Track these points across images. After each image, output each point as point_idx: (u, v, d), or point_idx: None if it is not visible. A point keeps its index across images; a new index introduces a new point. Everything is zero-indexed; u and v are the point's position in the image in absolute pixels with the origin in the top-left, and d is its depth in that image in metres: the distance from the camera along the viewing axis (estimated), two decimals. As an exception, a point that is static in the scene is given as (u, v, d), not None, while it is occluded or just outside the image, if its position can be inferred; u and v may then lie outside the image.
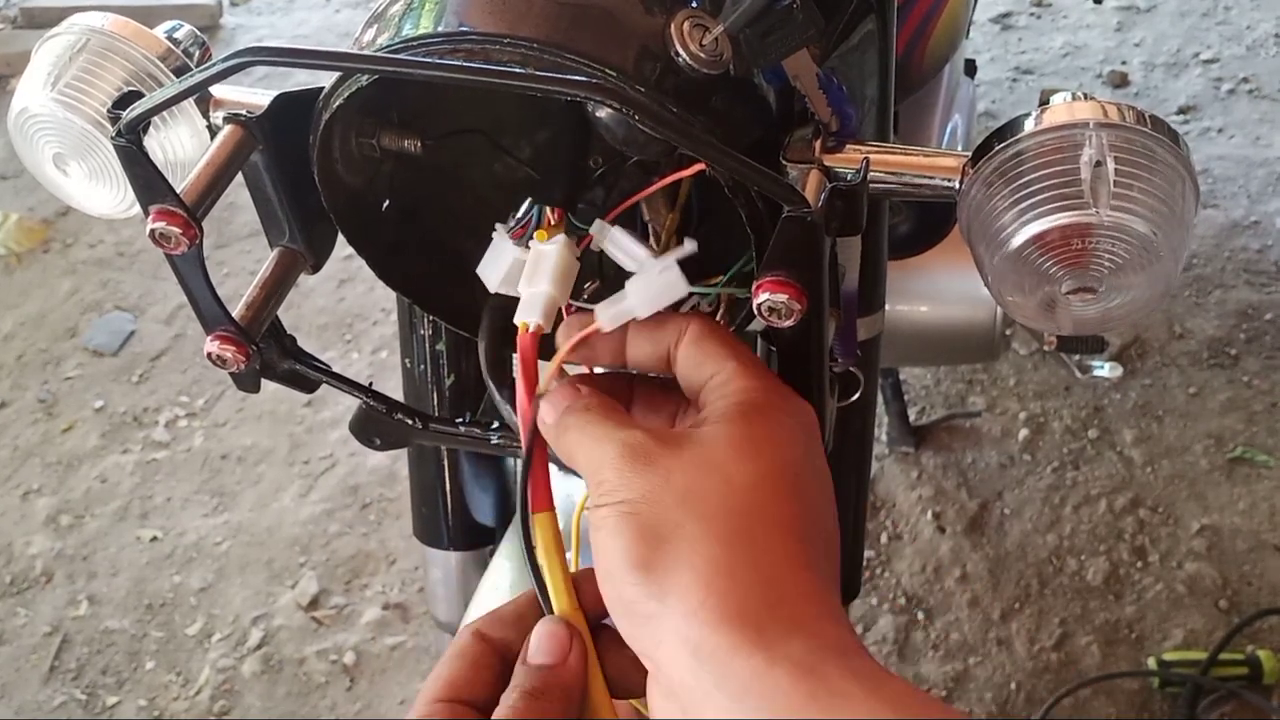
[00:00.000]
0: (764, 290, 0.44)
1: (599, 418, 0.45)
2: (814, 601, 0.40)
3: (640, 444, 0.42)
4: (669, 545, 0.40)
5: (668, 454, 0.42)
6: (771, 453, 0.42)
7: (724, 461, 0.41)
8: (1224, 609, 1.59)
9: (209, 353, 0.53)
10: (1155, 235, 0.44)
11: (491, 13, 0.45)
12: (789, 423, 0.44)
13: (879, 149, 0.49)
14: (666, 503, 0.40)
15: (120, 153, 0.47)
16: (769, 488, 0.41)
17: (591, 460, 0.43)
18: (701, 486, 0.41)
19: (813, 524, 0.42)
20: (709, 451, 0.42)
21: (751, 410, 0.43)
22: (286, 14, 3.16)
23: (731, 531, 0.40)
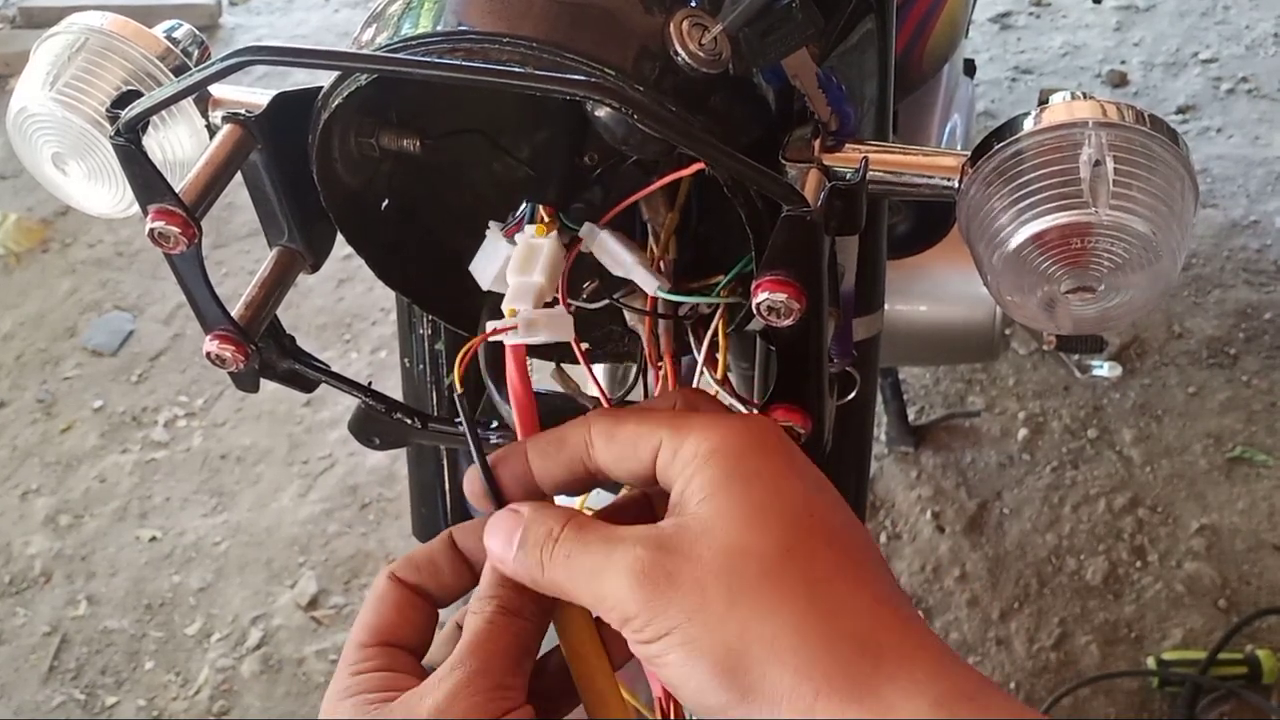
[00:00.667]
0: (763, 289, 0.44)
1: (577, 544, 0.41)
2: (908, 637, 0.38)
3: (649, 562, 0.39)
4: (749, 656, 0.37)
5: (684, 560, 0.39)
6: (780, 505, 0.40)
7: (747, 542, 0.39)
8: (1223, 608, 1.59)
9: (208, 352, 0.53)
10: (1154, 234, 0.44)
11: (490, 12, 0.45)
12: (766, 457, 0.41)
13: (878, 148, 0.49)
14: (718, 613, 0.38)
15: (119, 152, 0.47)
16: (802, 542, 0.39)
17: (600, 600, 0.40)
18: (741, 580, 0.38)
19: (858, 551, 0.40)
20: (724, 540, 0.39)
21: (726, 467, 0.40)
22: (285, 14, 3.16)
23: (800, 607, 0.38)
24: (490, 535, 0.44)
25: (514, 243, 0.50)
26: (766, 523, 0.39)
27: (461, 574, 0.47)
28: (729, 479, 0.40)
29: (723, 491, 0.40)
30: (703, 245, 0.55)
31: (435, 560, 0.46)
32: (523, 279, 0.48)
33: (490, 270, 0.51)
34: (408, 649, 0.44)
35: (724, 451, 0.41)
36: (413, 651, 0.44)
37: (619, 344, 0.60)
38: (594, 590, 0.40)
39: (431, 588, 0.46)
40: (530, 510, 0.44)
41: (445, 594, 0.47)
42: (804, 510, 0.40)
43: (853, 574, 0.39)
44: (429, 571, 0.46)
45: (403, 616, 0.45)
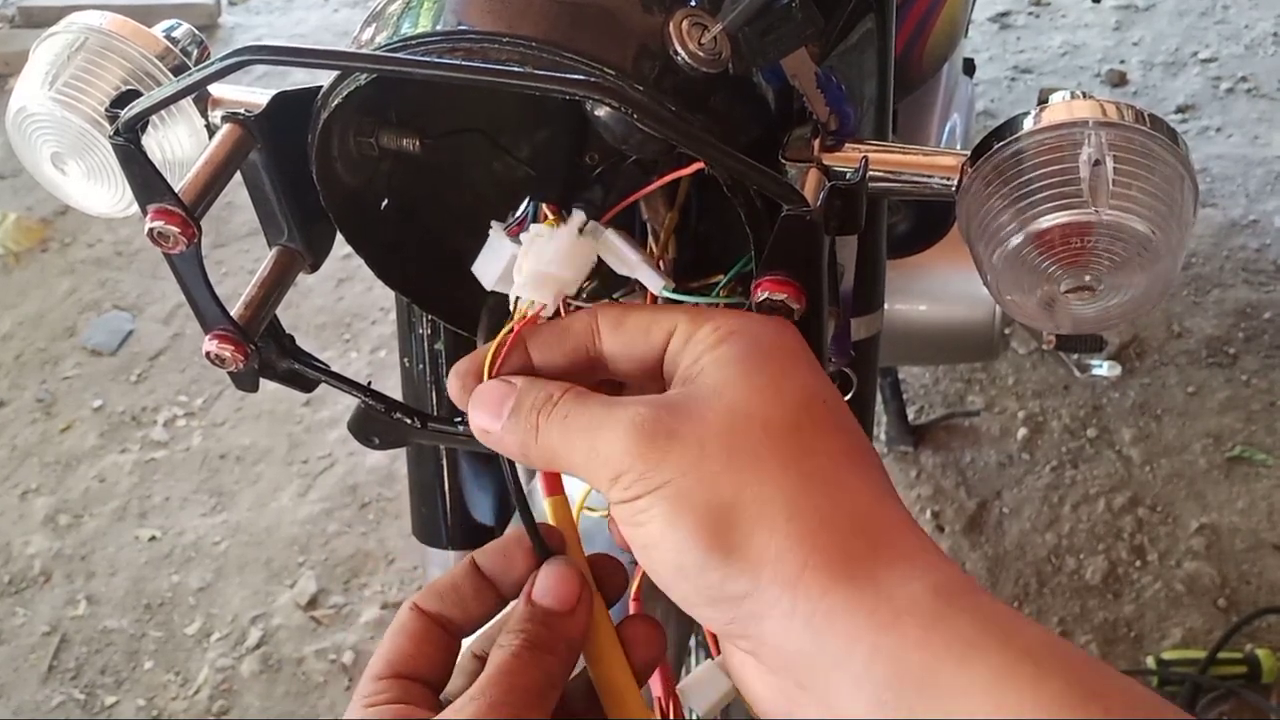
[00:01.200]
0: (763, 289, 0.44)
1: (576, 405, 0.40)
2: (907, 532, 0.37)
3: (650, 418, 0.38)
4: (739, 514, 0.36)
5: (686, 419, 0.38)
6: (792, 385, 0.39)
7: (754, 408, 0.38)
8: (1223, 608, 1.59)
9: (207, 352, 0.53)
10: (1154, 234, 0.44)
11: (490, 11, 0.45)
12: (784, 345, 0.41)
13: (878, 148, 0.49)
14: (713, 470, 0.37)
15: (118, 152, 0.47)
16: (810, 421, 0.38)
17: (593, 454, 0.39)
18: (744, 441, 0.37)
19: (862, 446, 0.39)
20: (730, 402, 0.38)
21: (743, 346, 0.39)
22: (285, 13, 3.16)
23: (800, 478, 0.37)
24: (476, 406, 0.43)
25: (518, 242, 0.50)
26: (778, 396, 0.38)
27: (486, 600, 0.45)
28: (744, 355, 0.39)
29: (737, 363, 0.39)
30: (702, 244, 0.55)
31: (459, 586, 0.44)
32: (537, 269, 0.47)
33: (493, 270, 0.51)
34: (425, 682, 0.43)
35: (741, 333, 0.40)
36: (430, 684, 0.43)
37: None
38: (588, 446, 0.39)
39: (455, 615, 0.44)
40: (524, 380, 0.42)
41: (469, 621, 0.45)
42: (816, 396, 0.39)
43: (858, 463, 0.38)
44: (452, 599, 0.44)
45: (420, 648, 0.43)
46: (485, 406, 0.43)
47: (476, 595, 0.44)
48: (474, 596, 0.44)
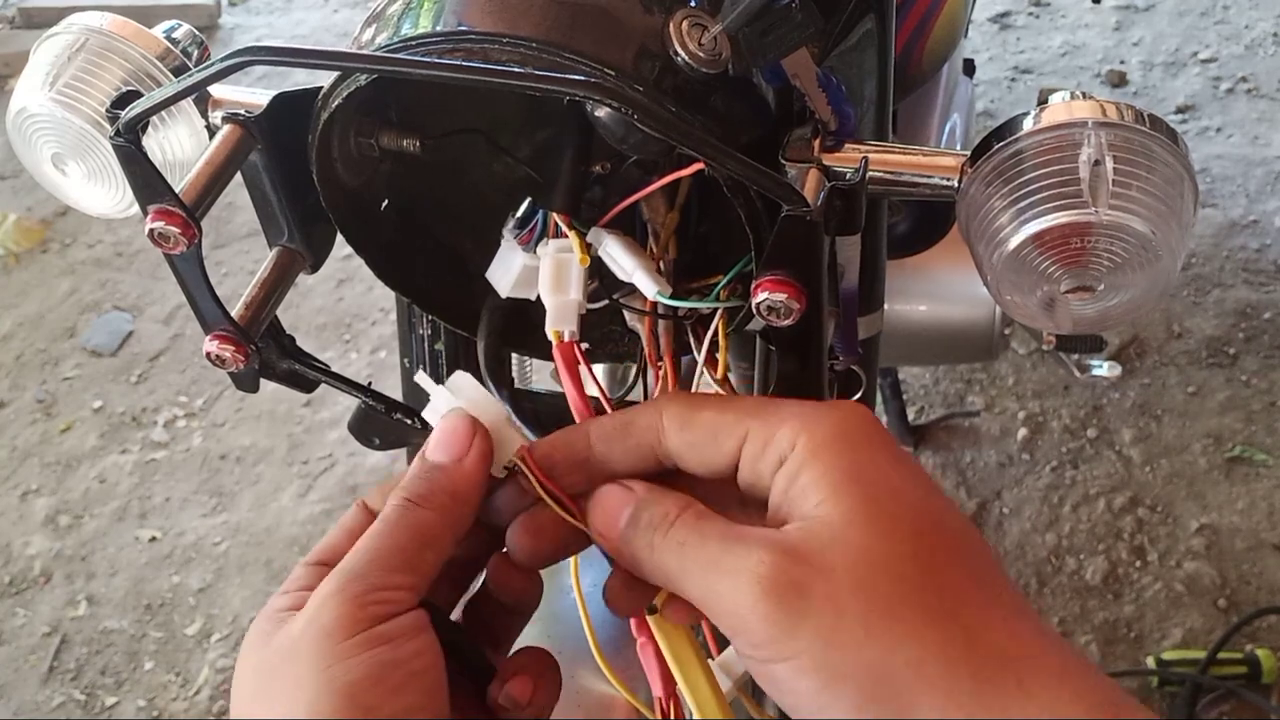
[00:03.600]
0: (763, 289, 0.44)
1: (693, 534, 0.39)
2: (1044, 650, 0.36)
3: (775, 572, 0.36)
4: (896, 680, 0.35)
5: (814, 573, 0.36)
6: (900, 510, 0.37)
7: (879, 554, 0.36)
8: (1223, 608, 1.59)
9: (208, 352, 0.53)
10: (1154, 234, 0.44)
11: (490, 12, 0.45)
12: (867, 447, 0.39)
13: (878, 148, 0.49)
14: (856, 637, 0.35)
15: (119, 152, 0.47)
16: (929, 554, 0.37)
17: (712, 596, 0.38)
18: (880, 599, 0.36)
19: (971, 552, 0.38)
20: (853, 549, 0.36)
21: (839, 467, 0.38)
22: (285, 14, 3.16)
23: (941, 626, 0.35)
24: (595, 507, 0.42)
25: (530, 251, 0.50)
26: (895, 530, 0.37)
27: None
28: (845, 479, 0.38)
29: (843, 493, 0.37)
30: (703, 245, 0.55)
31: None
32: (561, 299, 0.48)
33: (508, 278, 0.52)
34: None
35: (829, 446, 0.39)
36: None
37: (619, 344, 0.60)
38: (707, 587, 0.38)
39: None
40: (644, 488, 0.42)
41: None
42: (924, 514, 0.38)
43: (982, 584, 0.37)
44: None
45: (350, 539, 0.42)
46: (603, 509, 0.42)
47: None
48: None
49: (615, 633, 0.58)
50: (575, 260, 0.48)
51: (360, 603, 0.39)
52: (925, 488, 0.39)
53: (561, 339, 0.48)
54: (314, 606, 0.39)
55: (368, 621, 0.38)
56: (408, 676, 0.38)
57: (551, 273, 0.49)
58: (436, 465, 0.42)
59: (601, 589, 0.45)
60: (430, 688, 0.39)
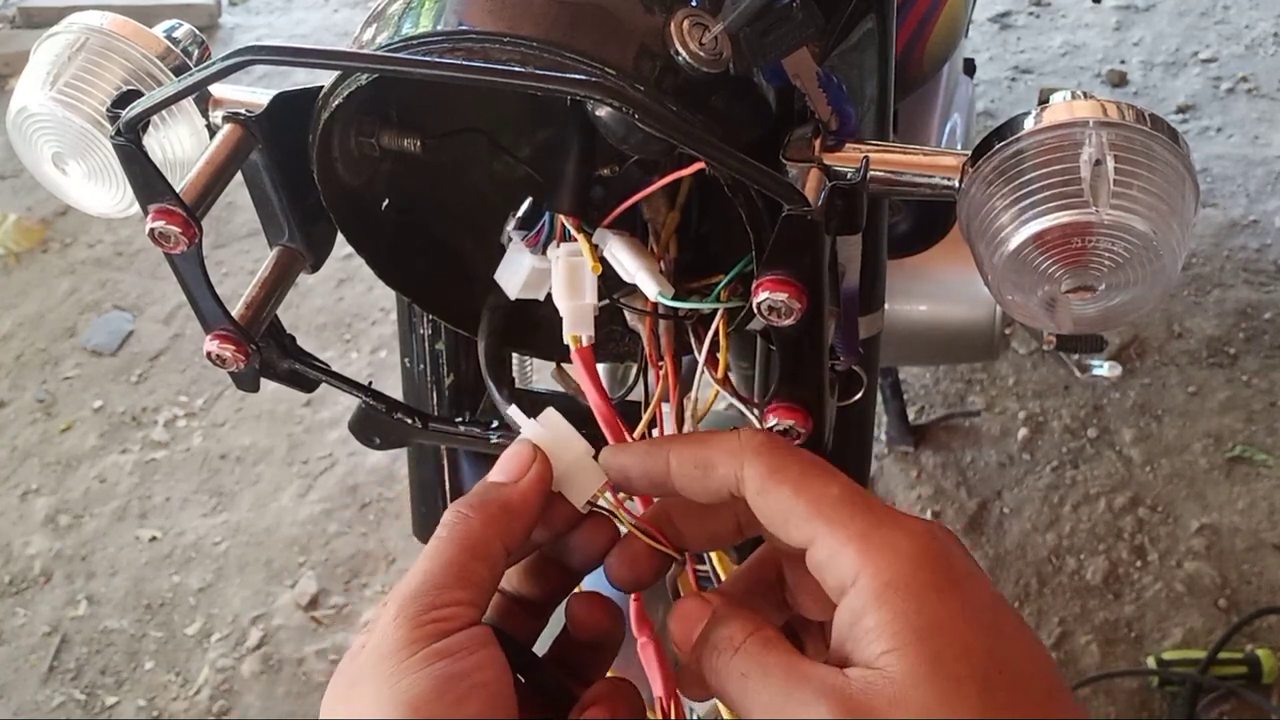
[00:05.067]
0: (764, 289, 0.44)
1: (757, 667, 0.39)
2: None
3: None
4: None
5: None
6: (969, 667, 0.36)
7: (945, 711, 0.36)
8: (1223, 608, 1.59)
9: (208, 352, 0.53)
10: (1155, 234, 0.44)
11: (491, 11, 0.45)
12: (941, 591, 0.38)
13: (879, 148, 0.49)
14: None
15: (119, 152, 0.47)
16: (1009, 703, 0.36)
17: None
18: None
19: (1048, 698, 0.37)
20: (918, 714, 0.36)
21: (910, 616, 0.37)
22: (285, 13, 3.16)
23: None
24: (675, 618, 0.43)
25: (539, 253, 0.50)
26: (960, 691, 0.36)
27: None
28: (913, 630, 0.37)
29: (911, 647, 0.36)
30: (704, 244, 0.55)
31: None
32: (576, 303, 0.48)
33: (516, 280, 0.52)
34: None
35: (896, 588, 0.38)
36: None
37: (619, 344, 0.60)
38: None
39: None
40: (721, 604, 0.42)
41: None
42: (995, 669, 0.37)
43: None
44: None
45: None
46: (682, 621, 0.42)
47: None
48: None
49: (616, 633, 0.58)
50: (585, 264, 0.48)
51: (418, 622, 0.39)
52: (996, 628, 0.38)
53: (580, 343, 0.48)
54: (377, 634, 0.40)
55: (426, 639, 0.39)
56: (471, 688, 0.39)
57: (565, 277, 0.49)
58: (493, 483, 0.44)
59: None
60: (495, 700, 0.39)
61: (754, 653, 0.39)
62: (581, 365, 0.49)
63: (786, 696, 0.38)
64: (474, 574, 0.41)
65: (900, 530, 0.39)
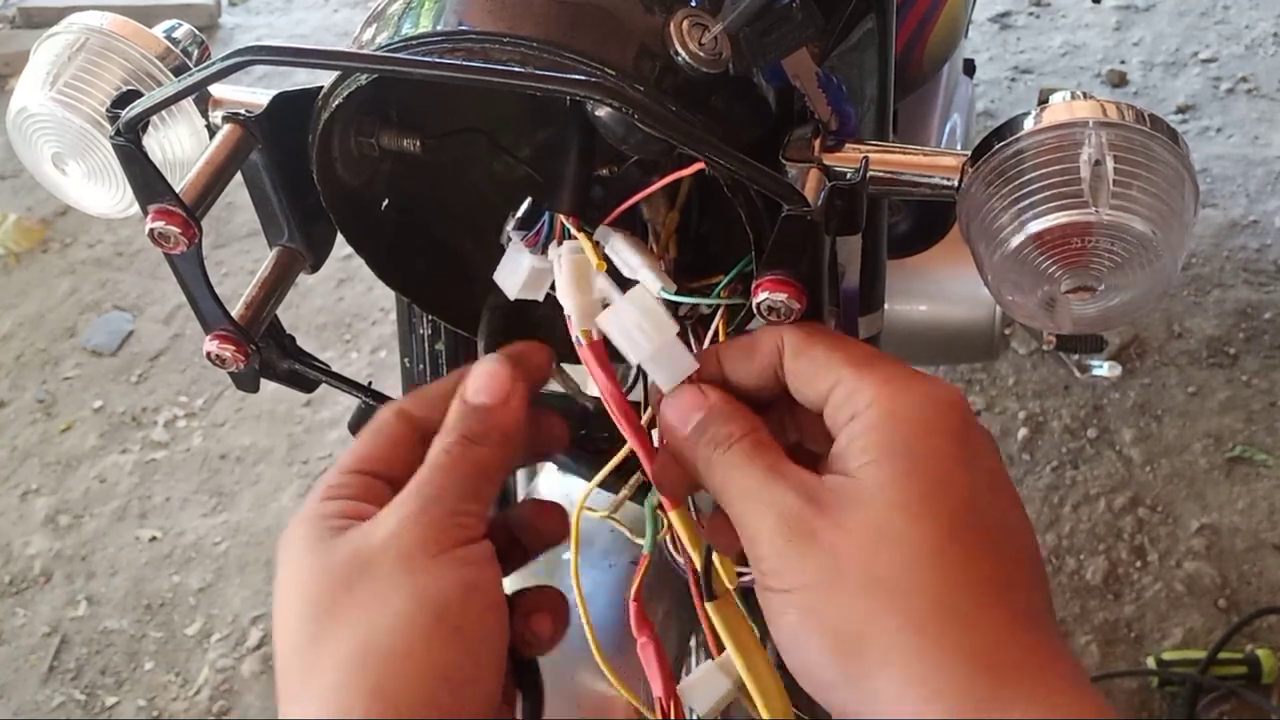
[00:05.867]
0: (763, 289, 0.44)
1: (743, 461, 0.41)
2: (1043, 667, 0.36)
3: (797, 515, 0.38)
4: (866, 646, 0.36)
5: (830, 526, 0.37)
6: (942, 497, 0.37)
7: (900, 530, 0.37)
8: (1223, 608, 1.59)
9: (208, 352, 0.53)
10: (1154, 234, 0.44)
11: (491, 11, 0.45)
12: (940, 433, 0.39)
13: (878, 148, 0.49)
14: (848, 591, 0.36)
15: (119, 152, 0.47)
16: (957, 548, 0.37)
17: (742, 520, 0.40)
18: (882, 567, 0.36)
19: (1013, 562, 0.38)
20: (876, 517, 0.37)
21: (899, 439, 0.38)
22: (285, 13, 3.16)
23: (935, 614, 0.36)
24: (671, 406, 0.44)
25: (538, 253, 0.50)
26: (924, 513, 0.37)
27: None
28: (898, 452, 0.38)
29: (888, 462, 0.38)
30: (704, 244, 0.55)
31: (448, 394, 0.45)
32: (584, 299, 0.48)
33: (516, 280, 0.52)
34: (390, 481, 0.43)
35: (900, 417, 0.39)
36: (392, 484, 0.43)
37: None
38: (740, 511, 0.40)
39: (438, 422, 0.44)
40: (719, 400, 0.43)
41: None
42: (967, 508, 0.38)
43: (999, 586, 0.37)
44: (440, 407, 0.45)
45: (394, 450, 0.43)
46: (678, 409, 0.44)
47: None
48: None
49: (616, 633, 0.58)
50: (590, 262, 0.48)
51: (444, 525, 0.40)
52: (986, 483, 0.39)
53: (591, 338, 0.48)
54: (394, 523, 0.40)
55: (451, 544, 0.39)
56: (488, 605, 0.40)
57: (571, 274, 0.49)
58: (484, 406, 0.44)
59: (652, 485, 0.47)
60: (504, 619, 0.40)
61: (746, 449, 0.41)
62: (593, 359, 0.48)
63: (762, 485, 0.40)
64: (485, 495, 0.42)
65: (922, 380, 0.40)
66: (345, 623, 0.39)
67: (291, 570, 0.42)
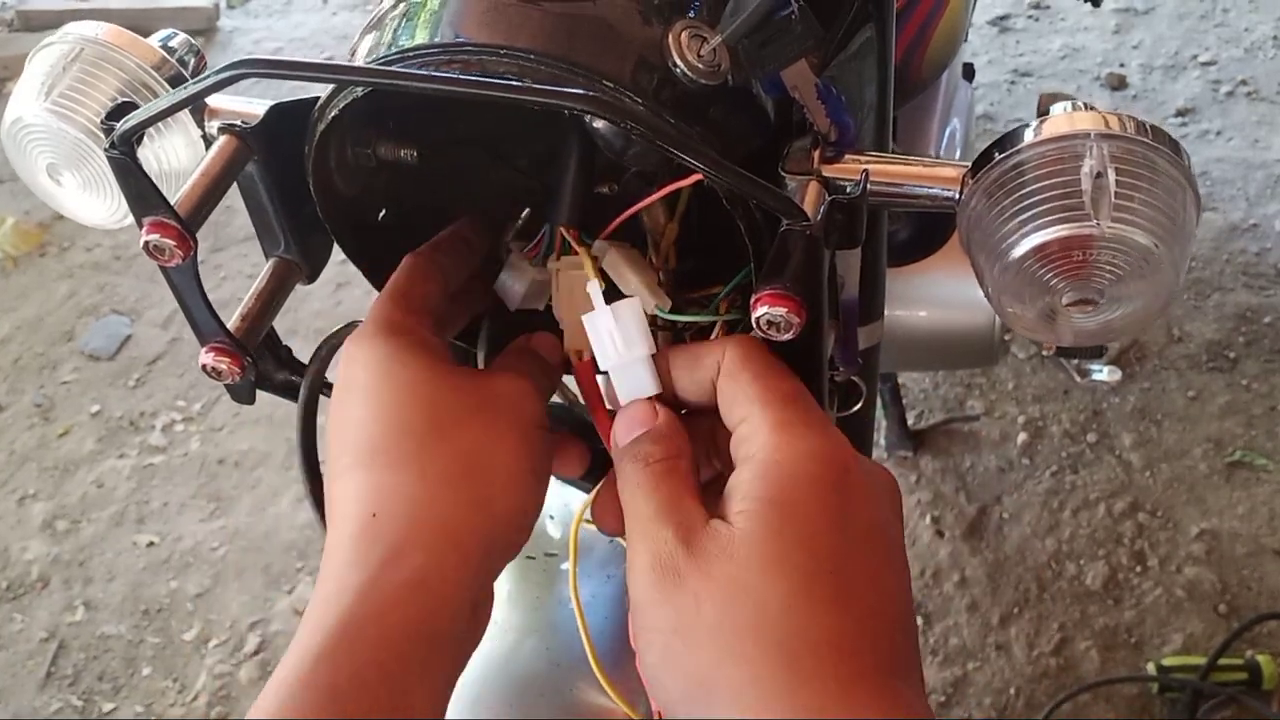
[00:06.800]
0: (763, 304, 0.43)
1: (646, 485, 0.43)
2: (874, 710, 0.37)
3: (670, 556, 0.40)
4: (715, 694, 0.38)
5: (697, 574, 0.39)
6: (804, 554, 0.39)
7: (755, 584, 0.38)
8: (1223, 613, 1.59)
9: (204, 365, 0.53)
10: (1156, 247, 0.44)
11: (488, 24, 0.44)
12: (818, 489, 0.40)
13: (878, 159, 0.49)
14: (703, 640, 0.38)
15: (114, 165, 0.47)
16: (804, 606, 0.38)
17: (629, 547, 0.42)
18: (734, 619, 0.38)
19: (869, 618, 0.39)
20: (738, 570, 0.39)
21: (775, 493, 0.40)
22: (284, 16, 3.15)
23: (772, 667, 0.37)
24: (623, 417, 0.46)
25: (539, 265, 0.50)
26: (782, 569, 0.38)
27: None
28: (772, 504, 0.40)
29: (760, 515, 0.40)
30: (704, 254, 0.55)
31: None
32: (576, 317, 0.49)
33: (516, 291, 0.51)
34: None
35: (783, 469, 0.41)
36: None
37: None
38: (629, 533, 0.42)
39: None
40: (664, 421, 0.45)
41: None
42: (826, 564, 0.39)
43: (846, 642, 0.38)
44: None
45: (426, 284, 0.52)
46: (627, 423, 0.46)
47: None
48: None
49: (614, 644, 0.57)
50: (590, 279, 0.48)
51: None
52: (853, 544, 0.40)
53: (581, 358, 0.48)
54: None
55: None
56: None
57: (567, 291, 0.48)
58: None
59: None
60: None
61: (657, 472, 0.43)
62: (582, 380, 0.49)
63: (653, 517, 0.42)
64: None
65: (820, 431, 0.42)
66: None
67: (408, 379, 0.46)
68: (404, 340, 0.47)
